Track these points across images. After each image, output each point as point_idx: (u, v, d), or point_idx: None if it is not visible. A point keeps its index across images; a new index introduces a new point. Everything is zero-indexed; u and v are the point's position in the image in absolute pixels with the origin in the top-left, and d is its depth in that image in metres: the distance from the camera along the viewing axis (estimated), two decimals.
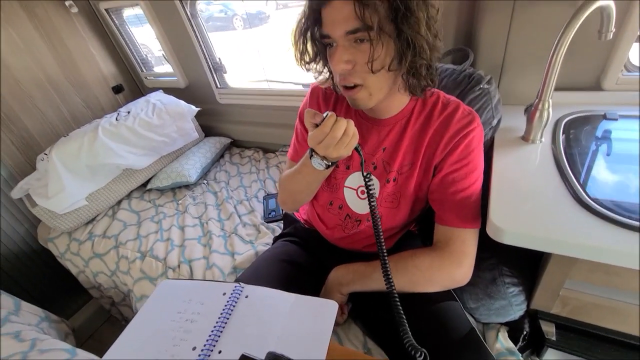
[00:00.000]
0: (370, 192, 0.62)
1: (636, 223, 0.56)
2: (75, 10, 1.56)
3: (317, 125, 0.60)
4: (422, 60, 0.59)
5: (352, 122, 0.60)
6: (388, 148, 0.74)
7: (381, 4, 0.53)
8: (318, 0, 0.57)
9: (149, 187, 1.58)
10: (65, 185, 1.29)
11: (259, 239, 1.23)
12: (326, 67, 0.69)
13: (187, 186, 1.60)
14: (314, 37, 0.61)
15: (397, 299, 0.57)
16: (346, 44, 0.58)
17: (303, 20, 0.61)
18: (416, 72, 0.61)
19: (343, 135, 0.58)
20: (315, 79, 0.73)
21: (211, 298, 0.65)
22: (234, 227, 1.29)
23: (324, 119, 0.59)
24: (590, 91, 0.95)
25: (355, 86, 0.63)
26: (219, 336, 0.58)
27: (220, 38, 1.57)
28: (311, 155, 0.65)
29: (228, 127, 1.87)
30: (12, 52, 1.42)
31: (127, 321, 1.55)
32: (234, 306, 0.62)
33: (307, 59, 0.66)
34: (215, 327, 0.59)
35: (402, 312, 0.56)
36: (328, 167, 0.65)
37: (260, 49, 1.62)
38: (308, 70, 0.69)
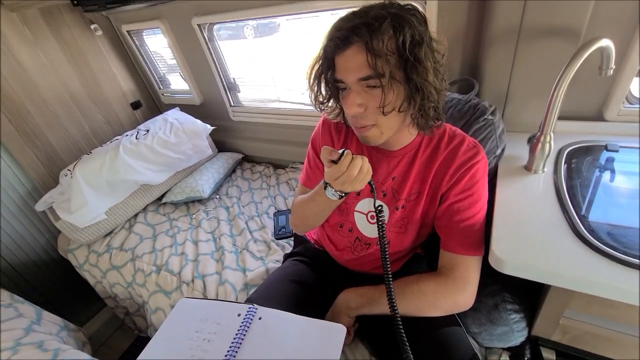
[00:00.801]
0: (380, 223, 0.65)
1: (631, 259, 0.58)
2: (99, 33, 1.65)
3: (333, 161, 0.63)
4: (430, 103, 0.63)
5: (366, 160, 0.63)
6: (397, 177, 0.78)
7: (392, 54, 0.57)
8: (333, 49, 0.61)
9: (164, 200, 1.64)
10: (87, 200, 1.35)
11: (269, 256, 1.27)
12: (338, 105, 0.73)
13: (200, 200, 1.64)
14: (328, 80, 0.66)
15: (401, 326, 0.60)
16: (359, 89, 0.62)
17: (318, 65, 0.66)
18: (424, 113, 0.65)
19: (358, 172, 0.62)
20: (328, 115, 0.77)
21: (227, 318, 0.68)
22: (246, 243, 1.33)
23: (340, 156, 0.62)
24: (592, 121, 0.97)
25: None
26: (234, 356, 0.62)
27: (230, 46, 1.64)
28: (325, 187, 0.68)
29: (240, 142, 1.93)
30: (40, 73, 1.51)
31: (140, 331, 1.60)
32: (248, 327, 0.66)
33: (321, 99, 0.70)
34: (231, 347, 0.63)
35: (405, 338, 0.59)
36: (341, 197, 0.68)
37: (271, 58, 1.68)
38: (322, 110, 0.73)
